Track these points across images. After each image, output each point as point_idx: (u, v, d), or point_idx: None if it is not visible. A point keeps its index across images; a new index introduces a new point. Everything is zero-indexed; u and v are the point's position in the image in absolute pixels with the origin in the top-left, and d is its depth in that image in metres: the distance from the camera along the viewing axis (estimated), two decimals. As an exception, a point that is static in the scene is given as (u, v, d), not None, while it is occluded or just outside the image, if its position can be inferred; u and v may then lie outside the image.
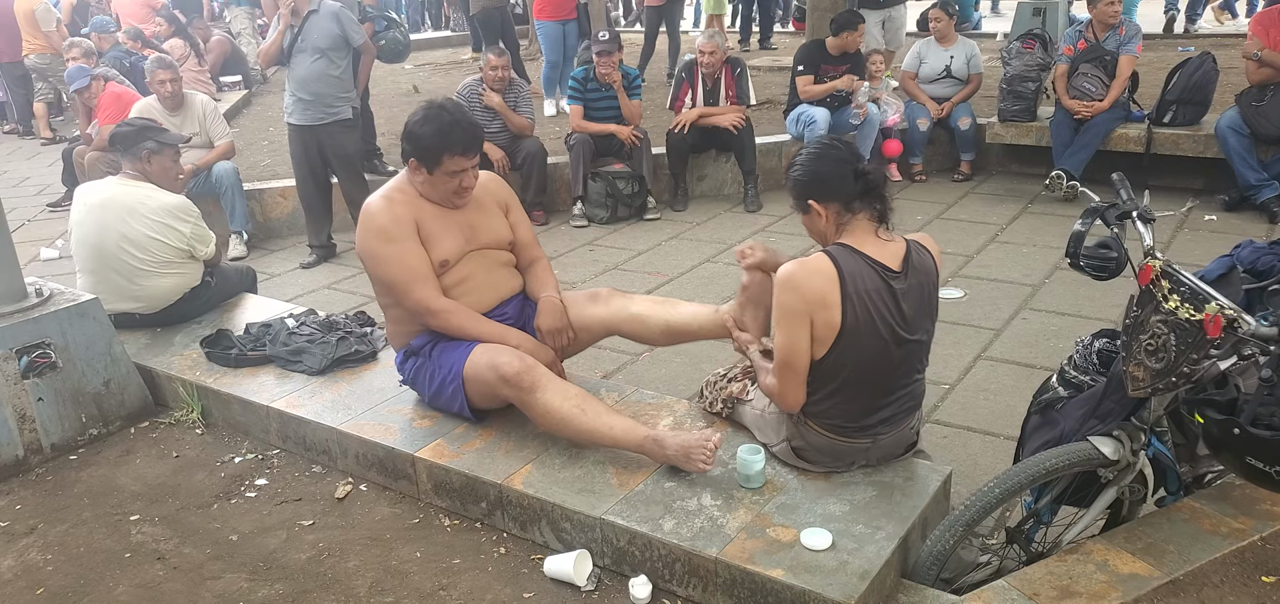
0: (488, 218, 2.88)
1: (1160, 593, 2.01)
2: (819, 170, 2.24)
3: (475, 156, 2.73)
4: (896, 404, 2.33)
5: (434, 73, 10.83)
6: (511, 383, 2.56)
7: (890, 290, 2.19)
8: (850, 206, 2.23)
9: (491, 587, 2.33)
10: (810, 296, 2.16)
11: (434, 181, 2.71)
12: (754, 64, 9.25)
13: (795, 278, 2.18)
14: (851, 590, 2.00)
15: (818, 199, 2.24)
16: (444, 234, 2.75)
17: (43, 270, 5.32)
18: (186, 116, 5.63)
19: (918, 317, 2.25)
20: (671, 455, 2.39)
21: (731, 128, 6.08)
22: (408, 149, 2.71)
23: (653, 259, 5.31)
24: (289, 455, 3.04)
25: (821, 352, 2.22)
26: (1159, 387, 2.01)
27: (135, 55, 8.02)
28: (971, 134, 6.40)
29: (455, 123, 2.67)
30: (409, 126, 2.70)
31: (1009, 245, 5.14)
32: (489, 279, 2.87)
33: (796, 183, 2.28)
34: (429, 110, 2.69)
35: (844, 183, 2.21)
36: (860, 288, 2.17)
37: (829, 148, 2.28)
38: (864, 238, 2.22)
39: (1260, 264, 2.35)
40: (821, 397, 2.30)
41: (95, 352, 3.26)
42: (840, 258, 2.18)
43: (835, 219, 2.24)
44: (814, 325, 2.18)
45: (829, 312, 2.16)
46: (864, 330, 2.18)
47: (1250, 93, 5.31)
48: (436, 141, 2.65)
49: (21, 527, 2.74)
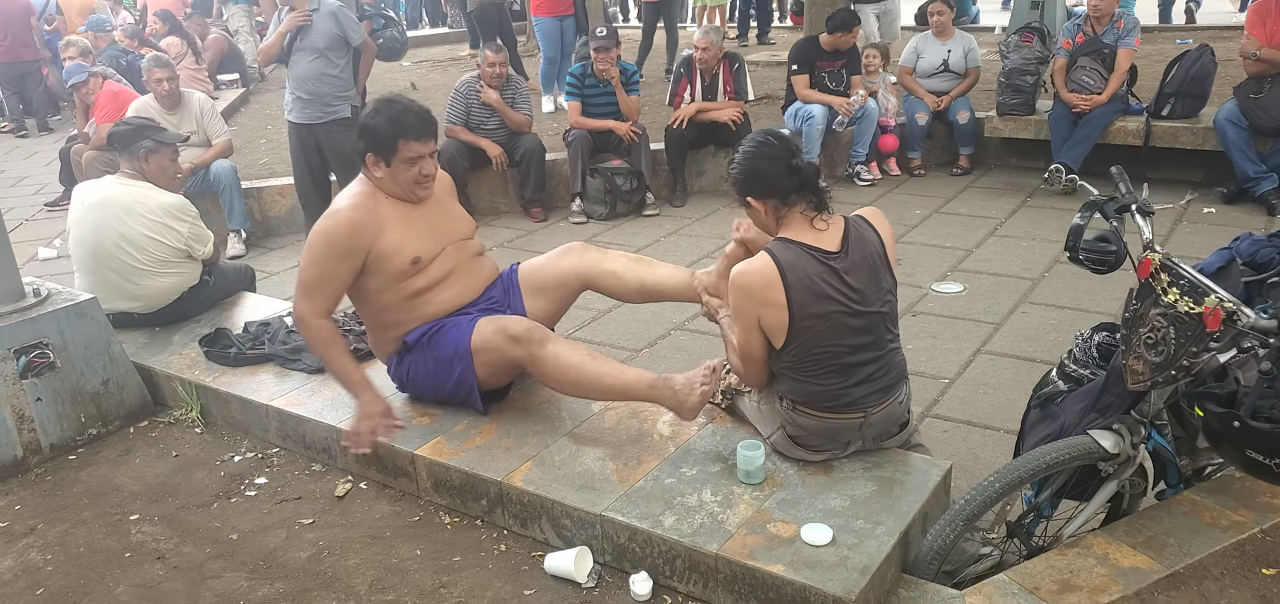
0: (449, 210, 2.92)
1: (1161, 586, 2.02)
2: (755, 167, 2.32)
3: (431, 143, 2.74)
4: (874, 377, 2.35)
5: (432, 70, 10.81)
6: (522, 340, 2.59)
7: (832, 271, 2.26)
8: (786, 200, 2.30)
9: (492, 584, 2.33)
10: (754, 297, 2.27)
11: (394, 173, 2.71)
12: (752, 59, 9.25)
13: (739, 281, 2.29)
14: (852, 586, 2.00)
15: (755, 195, 2.33)
16: (412, 235, 2.74)
17: (41, 270, 5.31)
18: (184, 115, 5.62)
19: (869, 287, 2.29)
20: (679, 389, 2.45)
21: (730, 123, 6.08)
22: (363, 145, 2.71)
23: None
24: (288, 454, 3.04)
25: (780, 341, 2.29)
26: (1159, 380, 2.01)
27: (132, 53, 8.01)
28: (970, 128, 6.39)
29: (407, 109, 2.70)
30: (362, 124, 2.72)
31: (1008, 239, 5.13)
32: (470, 269, 2.90)
33: (736, 180, 2.37)
34: (379, 104, 2.72)
35: (779, 178, 2.29)
36: (801, 276, 2.24)
37: (764, 144, 2.34)
38: (801, 228, 2.30)
39: (1259, 256, 2.34)
40: (799, 380, 2.34)
41: (93, 351, 3.26)
42: (779, 254, 2.27)
43: (774, 212, 2.33)
44: (762, 321, 2.29)
45: (774, 309, 2.26)
46: (814, 314, 2.25)
47: (1248, 85, 5.31)
48: (389, 130, 2.66)
49: (21, 527, 2.74)
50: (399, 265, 2.72)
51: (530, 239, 5.76)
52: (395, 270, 2.73)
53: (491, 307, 2.88)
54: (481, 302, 2.88)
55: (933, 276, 4.61)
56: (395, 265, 2.72)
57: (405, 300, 2.78)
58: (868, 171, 6.41)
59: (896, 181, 6.44)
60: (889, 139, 6.42)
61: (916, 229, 5.38)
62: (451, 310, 2.82)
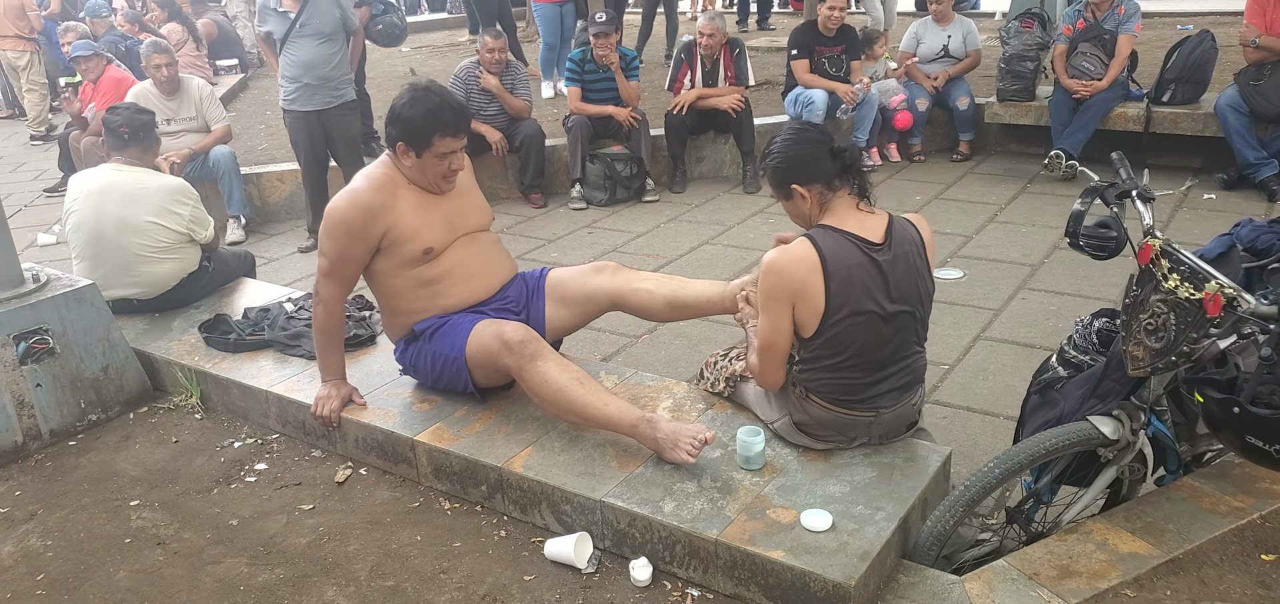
0: (469, 199, 2.86)
1: (1160, 572, 2.02)
2: (798, 154, 2.28)
3: (464, 138, 2.70)
4: (895, 377, 2.34)
5: (431, 55, 10.77)
6: (514, 350, 2.55)
7: (874, 263, 2.22)
8: (831, 185, 2.27)
9: (492, 569, 2.33)
10: (791, 284, 2.22)
11: (423, 165, 2.68)
12: (753, 45, 9.22)
13: (777, 264, 2.24)
14: (852, 571, 2.00)
15: (800, 182, 2.28)
16: (427, 224, 2.71)
17: (40, 256, 5.31)
18: (183, 101, 5.61)
19: (905, 288, 2.27)
20: (661, 439, 2.37)
21: (730, 109, 6.06)
22: (394, 133, 2.66)
23: (652, 241, 5.30)
24: (288, 440, 3.04)
25: (811, 330, 2.26)
26: (1158, 366, 2.01)
27: (131, 39, 7.97)
28: (970, 114, 6.37)
29: (444, 103, 2.64)
30: (395, 110, 2.65)
31: (1008, 225, 5.13)
32: (486, 263, 2.85)
33: (776, 170, 2.31)
34: (415, 92, 2.65)
35: (822, 163, 2.26)
36: (842, 265, 2.20)
37: (803, 131, 2.32)
38: (846, 215, 2.27)
39: (1260, 242, 2.34)
40: (820, 370, 2.31)
41: (93, 337, 3.26)
42: (821, 240, 2.23)
43: (818, 200, 2.29)
44: (796, 309, 2.24)
45: (811, 297, 2.21)
46: (850, 305, 2.21)
47: (1248, 71, 5.29)
48: (425, 123, 2.61)
49: (21, 513, 2.74)
50: (411, 253, 2.71)
51: (530, 225, 5.75)
52: (407, 257, 2.71)
53: (506, 307, 2.84)
54: (496, 301, 2.84)
55: (933, 263, 4.60)
56: (407, 252, 2.71)
57: (417, 287, 2.76)
58: (868, 157, 6.40)
59: (897, 168, 6.43)
60: (903, 116, 6.37)
61: (910, 216, 5.37)
62: (464, 306, 2.79)
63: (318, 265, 2.76)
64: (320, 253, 2.75)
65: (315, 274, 2.79)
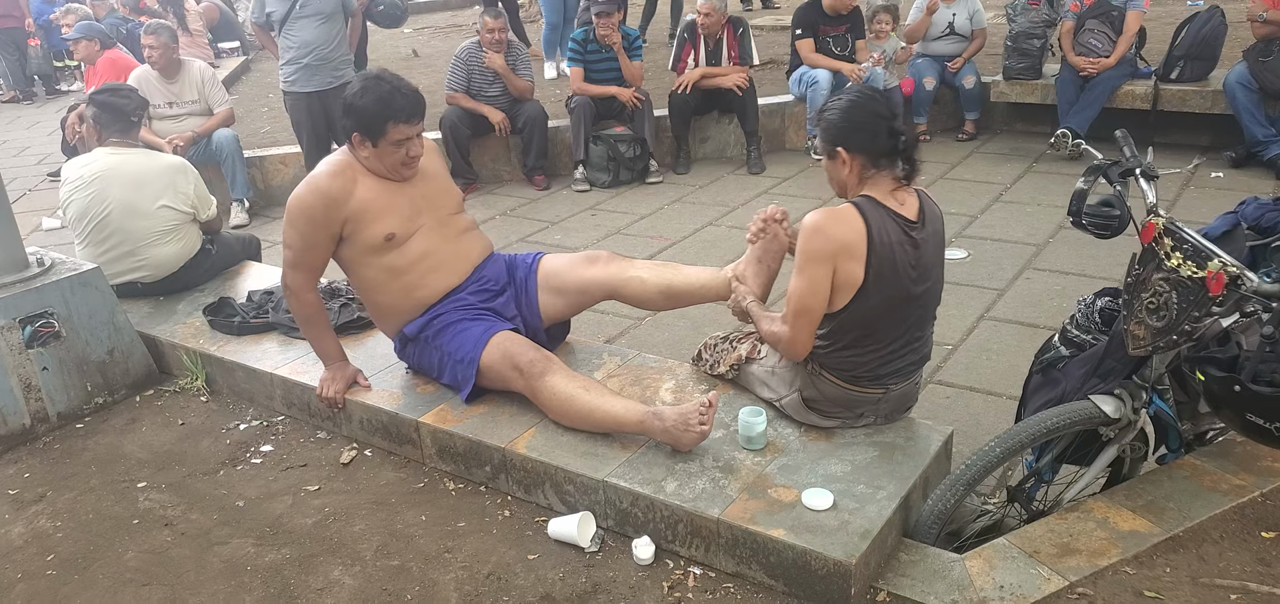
0: (434, 184, 2.83)
1: (1160, 549, 2.03)
2: (857, 120, 2.20)
3: (419, 123, 2.68)
4: (908, 355, 2.34)
5: (433, 36, 10.74)
6: (524, 372, 2.56)
7: (911, 241, 2.20)
8: (877, 162, 2.21)
9: (496, 549, 2.35)
10: (837, 244, 2.16)
11: (380, 154, 2.66)
12: (757, 24, 9.16)
13: (824, 225, 2.16)
14: (853, 550, 2.01)
15: (847, 148, 2.21)
16: (388, 210, 2.69)
17: (44, 240, 5.33)
18: (184, 84, 5.60)
19: (932, 266, 2.27)
20: (670, 426, 2.36)
21: (735, 89, 6.03)
22: (349, 124, 2.64)
23: (655, 223, 5.29)
24: (293, 422, 3.06)
25: (842, 302, 2.22)
26: (1160, 345, 2.01)
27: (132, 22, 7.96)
28: (976, 93, 6.34)
29: (395, 90, 2.62)
30: (348, 101, 2.64)
31: (1013, 205, 5.11)
32: (455, 250, 2.82)
33: (830, 126, 2.23)
34: (367, 81, 2.63)
35: (877, 138, 2.19)
36: (885, 240, 2.17)
37: (870, 99, 2.24)
38: (883, 194, 2.22)
39: (1265, 221, 2.33)
40: (839, 347, 2.30)
41: (98, 321, 3.27)
42: (867, 210, 2.18)
43: (859, 171, 2.22)
44: (836, 273, 2.18)
45: (853, 262, 2.16)
46: (886, 282, 2.19)
47: (1257, 48, 5.25)
48: (378, 111, 2.59)
49: (30, 494, 2.77)
50: (372, 239, 2.69)
51: (533, 207, 5.74)
52: (369, 244, 2.70)
53: (484, 287, 2.83)
54: (472, 282, 2.82)
55: (937, 242, 4.59)
56: (369, 238, 2.69)
57: (388, 279, 2.75)
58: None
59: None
60: (907, 82, 6.33)
61: (921, 195, 5.35)
62: (441, 295, 2.78)
63: (283, 257, 2.75)
64: (285, 244, 2.73)
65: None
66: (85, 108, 3.88)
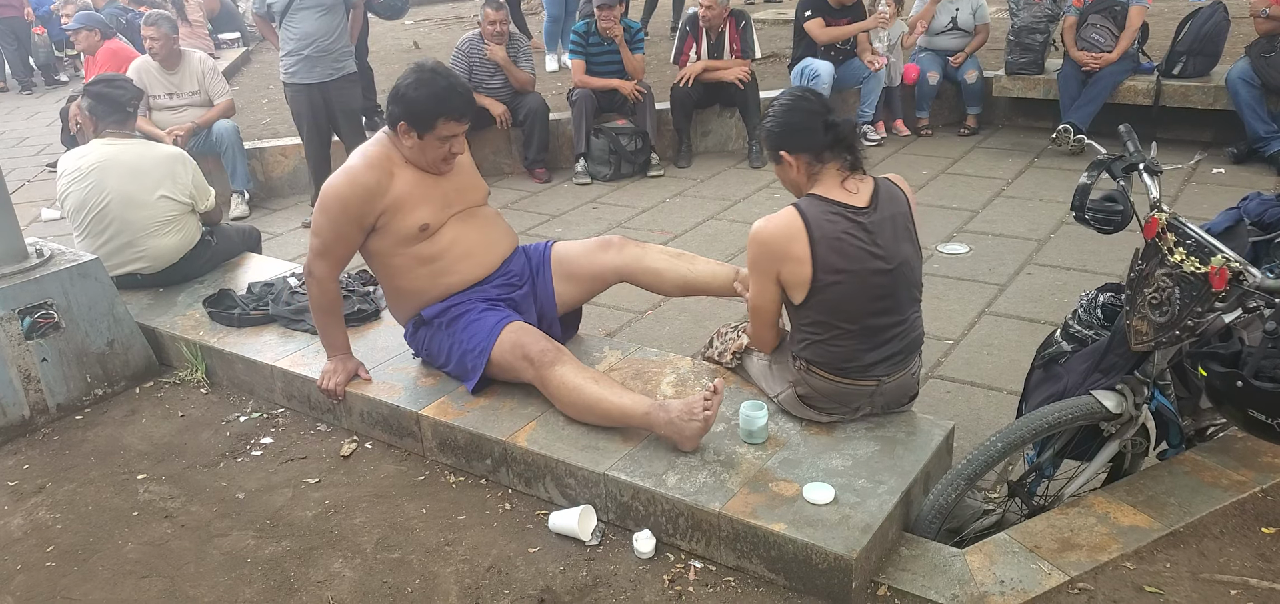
0: (465, 177, 2.84)
1: (1160, 545, 2.03)
2: (790, 121, 2.30)
3: (468, 122, 2.69)
4: (894, 343, 2.34)
5: (435, 28, 10.72)
6: (535, 363, 2.56)
7: (861, 226, 2.24)
8: (820, 157, 2.28)
9: (497, 542, 2.35)
10: (774, 251, 2.26)
11: (424, 146, 2.66)
12: (759, 17, 9.14)
13: (760, 234, 2.28)
14: (854, 544, 2.01)
15: (789, 150, 2.30)
16: (424, 200, 2.70)
17: (44, 231, 5.32)
18: (184, 74, 5.59)
19: (894, 245, 2.27)
20: (674, 418, 2.36)
21: (736, 82, 6.02)
22: (397, 112, 2.63)
23: (656, 216, 5.28)
24: (294, 414, 3.05)
25: (801, 297, 2.28)
26: (1162, 340, 2.00)
27: (132, 12, 7.94)
28: (978, 87, 6.33)
29: (451, 88, 2.62)
30: (400, 90, 2.62)
31: (1015, 200, 5.10)
32: (484, 239, 2.83)
33: (769, 134, 2.35)
34: (422, 73, 2.62)
35: (814, 134, 2.26)
36: (828, 232, 2.22)
37: (800, 98, 2.31)
38: (831, 186, 2.28)
39: (1267, 216, 2.33)
40: (817, 341, 2.33)
41: (98, 312, 3.27)
42: (807, 209, 2.25)
43: (806, 169, 2.30)
44: (782, 276, 2.29)
45: (795, 263, 2.24)
46: (838, 270, 2.23)
47: (1260, 44, 5.24)
48: (431, 105, 2.59)
49: (30, 486, 2.77)
50: (407, 230, 2.70)
51: (534, 200, 5.74)
52: (403, 234, 2.70)
53: (510, 282, 2.83)
54: (498, 277, 2.82)
55: (938, 237, 4.59)
56: (403, 229, 2.70)
57: (416, 266, 2.75)
58: (874, 131, 6.36)
59: (903, 141, 6.39)
60: (910, 69, 6.33)
61: (923, 190, 5.35)
62: (467, 285, 2.78)
63: (310, 245, 2.75)
64: (314, 232, 2.73)
65: (307, 253, 2.78)
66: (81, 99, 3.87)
